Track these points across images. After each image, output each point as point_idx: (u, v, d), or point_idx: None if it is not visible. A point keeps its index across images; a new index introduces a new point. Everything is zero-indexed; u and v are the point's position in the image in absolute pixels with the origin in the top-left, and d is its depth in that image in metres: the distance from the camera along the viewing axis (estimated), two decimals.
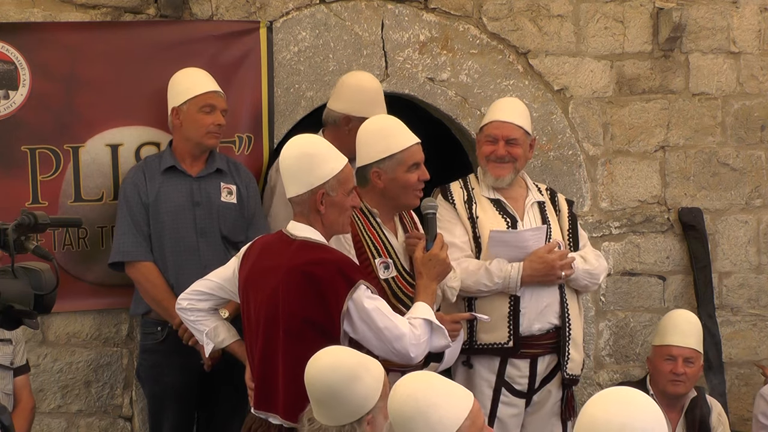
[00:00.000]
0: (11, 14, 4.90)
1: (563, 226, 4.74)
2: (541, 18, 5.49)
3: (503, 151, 4.61)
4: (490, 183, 4.65)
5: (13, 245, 2.76)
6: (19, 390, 4.54)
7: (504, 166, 4.63)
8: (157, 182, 4.70)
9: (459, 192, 4.68)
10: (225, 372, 4.54)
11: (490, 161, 4.63)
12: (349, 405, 3.09)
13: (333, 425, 3.10)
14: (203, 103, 4.70)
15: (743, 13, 5.74)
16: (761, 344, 5.86)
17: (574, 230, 4.77)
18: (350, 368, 3.11)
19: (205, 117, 4.69)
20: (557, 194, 4.86)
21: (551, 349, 4.62)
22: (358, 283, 3.63)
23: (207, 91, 4.72)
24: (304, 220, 3.75)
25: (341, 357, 3.17)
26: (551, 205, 4.76)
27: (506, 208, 4.65)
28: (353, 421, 3.09)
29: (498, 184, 4.65)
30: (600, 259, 4.75)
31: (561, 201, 4.82)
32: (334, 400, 3.09)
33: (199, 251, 4.67)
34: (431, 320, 3.79)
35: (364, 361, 3.17)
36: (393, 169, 4.04)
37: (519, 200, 4.70)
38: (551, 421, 4.70)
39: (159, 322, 4.72)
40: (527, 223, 4.66)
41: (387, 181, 4.05)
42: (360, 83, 4.85)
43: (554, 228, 4.69)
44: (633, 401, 2.60)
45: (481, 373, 4.57)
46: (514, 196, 4.70)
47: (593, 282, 4.74)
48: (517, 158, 4.63)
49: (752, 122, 5.79)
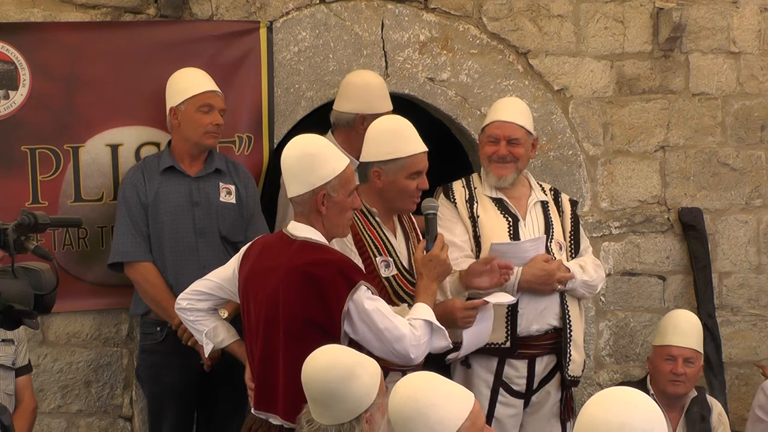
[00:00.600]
0: (11, 14, 4.90)
1: (566, 228, 4.73)
2: (541, 18, 5.49)
3: (505, 151, 4.61)
4: (492, 183, 4.65)
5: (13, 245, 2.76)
6: (21, 390, 4.53)
7: (506, 166, 4.63)
8: (156, 182, 4.70)
9: (461, 191, 4.68)
10: (224, 372, 4.54)
11: (492, 161, 4.63)
12: (346, 403, 3.09)
13: (332, 424, 3.10)
14: (201, 102, 4.69)
15: (743, 13, 5.74)
16: (761, 344, 5.85)
17: (576, 232, 4.76)
18: (347, 366, 3.12)
19: (203, 117, 4.69)
20: (561, 194, 4.85)
21: (550, 350, 4.62)
22: (359, 284, 3.63)
23: (205, 91, 4.71)
24: (304, 220, 3.74)
25: (337, 356, 3.18)
26: (554, 206, 4.75)
27: (508, 208, 4.65)
28: (352, 419, 3.09)
29: (500, 183, 4.65)
30: (599, 270, 4.74)
31: (565, 201, 4.81)
32: (332, 398, 3.09)
33: (198, 251, 4.67)
34: (432, 321, 3.79)
35: (360, 360, 3.17)
36: (394, 173, 4.04)
37: (522, 199, 4.70)
38: (550, 422, 4.70)
39: (158, 322, 4.72)
40: (529, 222, 4.65)
41: (386, 182, 4.06)
42: (366, 81, 4.91)
43: (557, 228, 4.68)
44: (633, 401, 2.60)
45: (479, 373, 4.57)
46: (516, 195, 4.70)
47: (590, 293, 4.74)
48: (519, 158, 4.63)
49: (752, 122, 5.79)
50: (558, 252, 4.63)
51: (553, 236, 4.65)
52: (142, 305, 4.75)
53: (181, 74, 4.78)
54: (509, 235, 4.59)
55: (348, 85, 4.93)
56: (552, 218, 4.70)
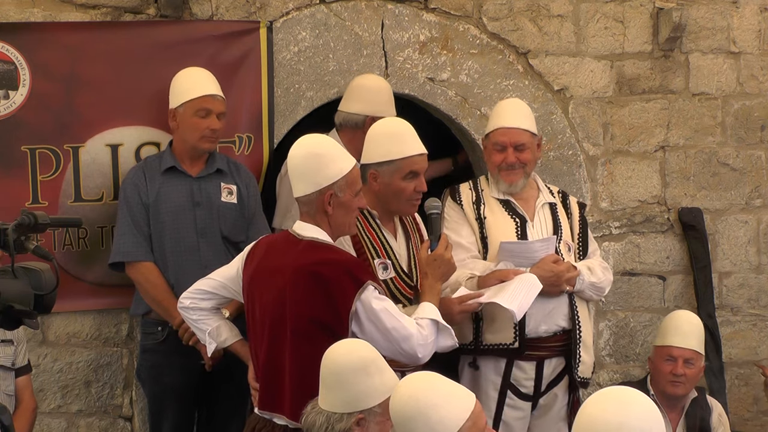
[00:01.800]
0: (11, 14, 4.90)
1: (574, 229, 4.72)
2: (541, 18, 5.49)
3: (513, 158, 4.60)
4: (503, 189, 4.64)
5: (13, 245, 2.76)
6: (21, 391, 4.53)
7: (515, 172, 4.62)
8: (157, 182, 4.70)
9: (467, 193, 4.68)
10: (225, 371, 4.53)
11: (502, 170, 4.62)
12: (347, 393, 3.10)
13: (327, 410, 3.12)
14: (198, 107, 4.67)
15: (743, 13, 5.74)
16: (761, 344, 5.85)
17: (584, 235, 4.74)
18: (363, 359, 3.13)
19: (200, 121, 4.67)
20: (569, 197, 4.83)
21: (558, 352, 4.59)
22: (367, 284, 3.63)
23: (203, 95, 4.68)
24: (310, 220, 3.74)
25: (361, 347, 3.21)
26: (563, 208, 4.74)
27: (515, 209, 4.64)
28: (344, 413, 3.09)
29: (512, 190, 4.64)
30: (607, 272, 4.73)
31: (573, 204, 4.79)
32: (337, 382, 3.10)
33: (200, 251, 4.67)
34: (438, 320, 3.80)
35: (380, 363, 3.18)
36: (390, 175, 4.03)
37: (530, 201, 4.69)
38: (558, 425, 4.66)
39: (159, 322, 4.72)
40: (537, 223, 4.64)
41: (382, 184, 4.05)
42: (378, 84, 4.98)
43: (565, 231, 4.67)
44: (631, 401, 2.60)
45: (486, 375, 4.55)
46: (524, 197, 4.68)
47: (598, 295, 4.72)
48: (527, 163, 4.63)
49: (752, 122, 5.79)
50: (566, 254, 4.61)
51: (562, 238, 4.63)
52: (143, 305, 4.75)
53: (184, 75, 4.77)
54: (517, 236, 4.58)
55: (359, 87, 4.94)
56: (560, 220, 4.68)
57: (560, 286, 4.51)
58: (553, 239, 4.58)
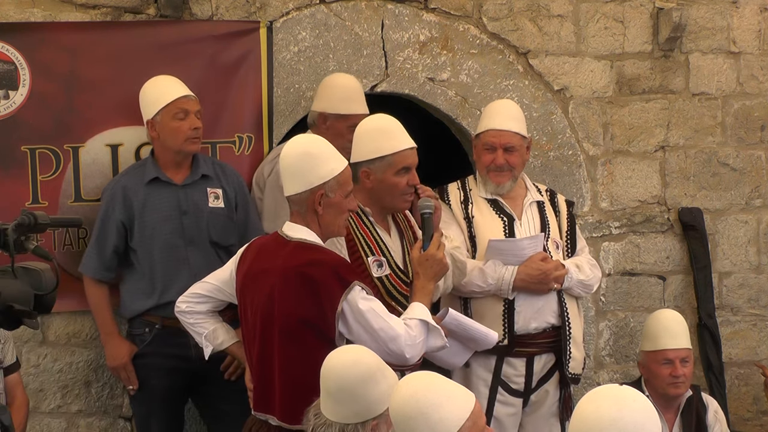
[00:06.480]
0: (11, 14, 4.90)
1: (562, 228, 4.75)
2: (541, 18, 5.49)
3: (502, 160, 4.63)
4: (491, 190, 4.68)
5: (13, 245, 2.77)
6: (12, 388, 4.51)
7: (503, 174, 4.66)
8: (141, 194, 4.67)
9: (456, 193, 4.71)
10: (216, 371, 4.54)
11: (491, 171, 4.65)
12: (358, 404, 3.08)
13: (337, 421, 3.10)
14: (176, 110, 4.64)
15: (743, 13, 5.74)
16: (761, 344, 5.85)
17: (572, 232, 4.78)
18: (370, 368, 3.12)
19: (181, 123, 4.64)
20: (557, 195, 4.87)
21: (548, 348, 4.63)
22: (353, 284, 3.63)
23: (177, 98, 4.66)
24: (300, 220, 3.75)
25: (363, 355, 3.18)
26: (550, 206, 4.77)
27: (503, 207, 4.67)
28: (357, 423, 3.08)
29: (499, 191, 4.68)
30: (595, 269, 4.75)
31: (561, 202, 4.83)
32: (346, 396, 3.08)
33: (188, 260, 4.65)
34: (428, 321, 3.78)
35: (383, 367, 3.17)
36: (382, 171, 4.03)
37: (517, 200, 4.72)
38: (549, 421, 4.71)
39: (146, 323, 4.72)
40: (525, 221, 4.67)
41: (375, 182, 4.05)
42: (334, 81, 4.92)
43: (553, 229, 4.70)
44: (624, 397, 2.61)
45: (477, 372, 4.58)
46: (512, 195, 4.72)
47: (586, 292, 4.76)
48: (515, 166, 4.66)
49: (752, 122, 5.79)
50: (555, 251, 4.65)
51: (549, 235, 4.67)
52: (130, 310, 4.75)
53: (150, 85, 4.74)
54: (505, 235, 4.62)
55: (320, 85, 4.96)
56: (548, 218, 4.72)
57: (548, 285, 4.53)
58: (541, 237, 4.60)
